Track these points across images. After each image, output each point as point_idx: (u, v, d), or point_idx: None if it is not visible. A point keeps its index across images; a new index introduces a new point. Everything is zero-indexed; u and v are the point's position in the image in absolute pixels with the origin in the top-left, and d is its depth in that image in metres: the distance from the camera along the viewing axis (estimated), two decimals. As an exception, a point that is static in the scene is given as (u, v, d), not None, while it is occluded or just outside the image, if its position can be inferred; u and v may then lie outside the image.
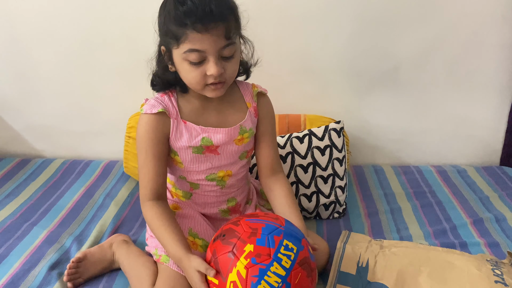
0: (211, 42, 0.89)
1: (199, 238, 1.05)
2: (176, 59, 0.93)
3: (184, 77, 0.95)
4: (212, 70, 0.90)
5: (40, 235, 1.23)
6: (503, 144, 1.64)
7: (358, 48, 1.52)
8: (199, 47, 0.89)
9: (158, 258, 1.01)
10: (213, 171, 1.05)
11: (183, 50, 0.90)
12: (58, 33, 1.55)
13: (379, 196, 1.44)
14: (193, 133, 1.01)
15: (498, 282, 0.92)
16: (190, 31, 0.88)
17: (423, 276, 0.94)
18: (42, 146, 1.75)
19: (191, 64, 0.91)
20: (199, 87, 0.95)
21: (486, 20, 1.47)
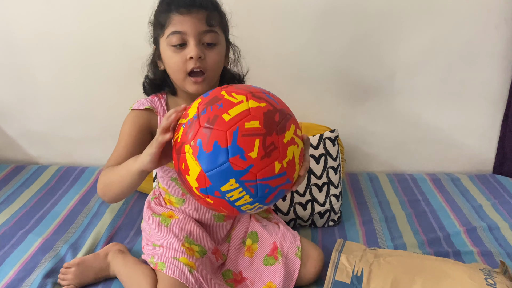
0: (191, 24, 0.93)
1: (195, 244, 1.05)
2: (162, 48, 0.97)
3: (168, 66, 0.98)
4: (192, 52, 0.93)
5: (35, 243, 1.22)
6: (496, 153, 1.66)
7: (352, 57, 1.54)
8: (180, 29, 0.93)
9: (155, 265, 1.01)
10: None
11: (166, 35, 0.94)
12: (54, 39, 1.55)
13: (373, 204, 1.45)
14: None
15: None
16: (173, 14, 0.94)
17: (417, 286, 0.95)
18: (37, 152, 1.75)
19: (173, 49, 0.95)
20: (180, 76, 0.97)
21: (479, 31, 1.49)
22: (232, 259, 1.11)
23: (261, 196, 0.74)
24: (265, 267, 1.06)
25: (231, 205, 0.76)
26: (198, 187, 0.75)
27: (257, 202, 0.75)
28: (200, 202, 0.80)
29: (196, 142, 0.74)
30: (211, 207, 0.80)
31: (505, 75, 1.54)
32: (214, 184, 0.73)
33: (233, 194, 0.73)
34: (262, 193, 0.74)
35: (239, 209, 0.78)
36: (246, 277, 1.07)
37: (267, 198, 0.76)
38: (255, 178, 0.72)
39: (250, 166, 0.72)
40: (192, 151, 0.74)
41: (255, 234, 1.12)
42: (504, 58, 1.52)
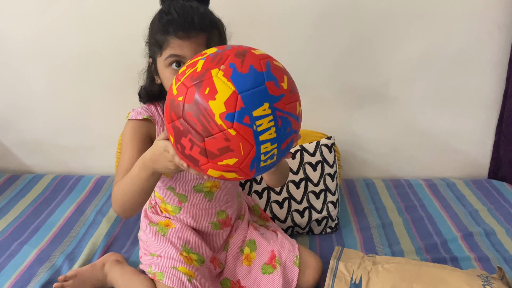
0: (191, 49, 0.92)
1: (193, 253, 1.05)
2: (160, 67, 0.96)
3: (167, 86, 0.97)
4: None
5: (31, 254, 1.21)
6: (491, 158, 1.67)
7: (348, 64, 1.55)
8: (179, 53, 0.92)
9: (154, 275, 1.01)
10: (200, 181, 1.05)
11: (165, 57, 0.93)
12: (49, 49, 1.55)
13: (370, 211, 1.45)
14: None
15: None
16: (172, 38, 0.92)
17: None
18: (33, 161, 1.74)
19: (172, 71, 0.94)
20: None
21: (473, 38, 1.50)
22: (230, 268, 1.10)
23: (283, 135, 0.72)
24: (263, 275, 1.05)
25: (254, 140, 0.69)
26: (225, 113, 0.68)
27: (276, 142, 0.72)
28: (216, 142, 0.69)
29: (228, 65, 0.70)
30: (227, 146, 0.69)
31: (499, 81, 1.56)
32: (247, 106, 0.68)
33: (263, 123, 0.69)
34: (284, 131, 0.72)
35: (258, 150, 0.70)
36: (244, 285, 1.07)
37: (284, 141, 0.73)
38: (285, 109, 0.72)
39: (282, 95, 0.72)
40: (223, 74, 0.70)
41: (253, 242, 1.12)
42: (497, 64, 1.54)
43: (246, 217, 1.18)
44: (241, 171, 0.72)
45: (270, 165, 0.75)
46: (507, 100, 1.54)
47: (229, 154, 0.70)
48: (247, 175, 0.74)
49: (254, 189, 1.32)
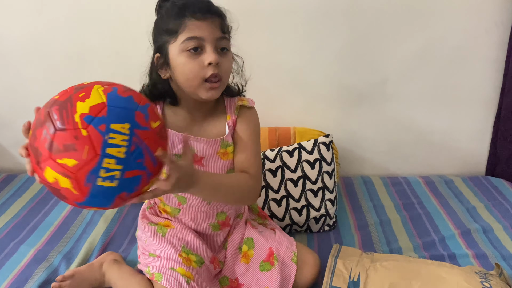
0: (209, 29, 0.92)
1: (192, 254, 1.04)
2: (173, 54, 0.93)
3: (180, 73, 0.94)
4: (210, 57, 0.92)
5: (28, 254, 1.21)
6: (488, 154, 1.67)
7: (346, 62, 1.54)
8: (198, 34, 0.91)
9: (152, 276, 1.00)
10: None
11: (181, 40, 0.91)
12: (47, 48, 1.54)
13: (368, 208, 1.45)
14: (175, 140, 1.00)
15: None
16: (189, 19, 0.91)
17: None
18: (29, 161, 1.73)
19: (189, 54, 0.92)
20: (196, 82, 0.94)
21: (470, 35, 1.50)
22: (228, 266, 1.10)
23: (131, 162, 0.71)
24: (261, 273, 1.05)
25: (100, 149, 0.68)
26: (85, 114, 0.70)
27: (122, 165, 0.70)
28: (65, 137, 0.69)
29: (112, 88, 0.75)
30: (73, 144, 0.69)
31: (496, 78, 1.56)
32: (109, 117, 0.70)
33: (116, 137, 0.69)
34: (135, 160, 0.71)
35: (100, 162, 0.69)
36: (243, 283, 1.07)
37: (130, 170, 0.71)
38: (144, 140, 0.72)
39: (147, 128, 0.73)
40: (103, 89, 0.74)
41: (251, 240, 1.11)
42: (495, 62, 1.54)
43: (245, 215, 1.18)
44: (77, 180, 0.69)
45: (108, 189, 0.70)
46: (504, 97, 1.55)
47: (71, 153, 0.68)
48: (81, 189, 0.70)
49: (252, 188, 1.32)
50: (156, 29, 0.97)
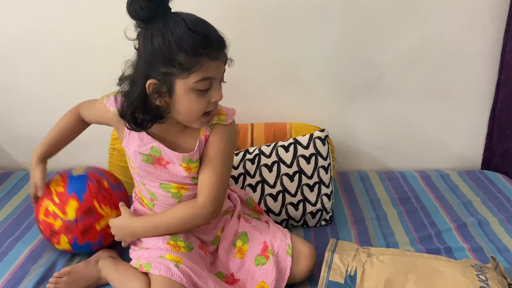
0: (219, 69, 0.92)
1: (181, 240, 1.05)
2: (180, 90, 0.90)
3: (185, 108, 0.93)
4: (217, 96, 0.92)
5: (24, 251, 1.20)
6: (484, 149, 1.68)
7: (342, 57, 1.54)
8: (211, 75, 0.90)
9: (140, 267, 1.00)
10: (164, 182, 1.06)
11: (194, 80, 0.89)
12: (41, 45, 1.53)
13: (365, 203, 1.45)
14: (144, 140, 1.02)
15: (483, 287, 0.93)
16: (205, 60, 0.88)
17: (410, 284, 0.95)
18: (25, 159, 1.72)
19: (198, 92, 0.91)
20: (196, 116, 0.95)
21: (466, 30, 1.50)
22: (222, 262, 1.10)
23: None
24: (256, 267, 1.05)
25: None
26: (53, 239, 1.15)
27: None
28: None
29: (73, 239, 1.13)
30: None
31: (492, 72, 1.56)
32: (75, 251, 1.17)
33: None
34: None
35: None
36: (238, 278, 1.07)
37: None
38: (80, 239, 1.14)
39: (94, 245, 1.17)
40: (68, 240, 1.13)
41: (245, 235, 1.12)
42: (490, 56, 1.54)
43: (237, 211, 1.18)
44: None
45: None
46: (500, 91, 1.55)
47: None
48: None
49: (248, 183, 1.32)
50: (156, 54, 0.88)
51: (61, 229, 1.11)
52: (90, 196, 1.12)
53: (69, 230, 1.11)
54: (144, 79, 0.91)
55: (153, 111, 0.94)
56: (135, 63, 0.94)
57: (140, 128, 0.98)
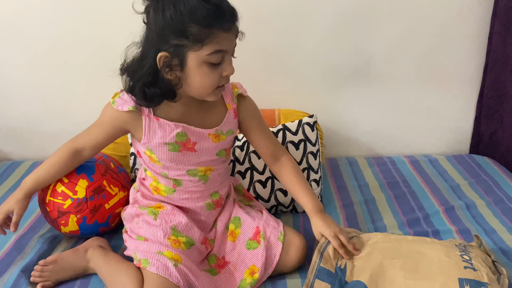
0: (231, 41, 0.91)
1: (182, 236, 1.04)
2: (193, 63, 0.89)
3: (197, 82, 0.92)
4: (230, 70, 0.92)
5: (10, 241, 1.19)
6: (472, 133, 1.69)
7: (331, 44, 1.54)
8: (224, 47, 0.89)
9: (139, 263, 0.99)
10: (192, 167, 1.04)
11: (206, 52, 0.87)
12: (26, 33, 1.51)
13: (353, 188, 1.45)
14: (167, 129, 1.00)
15: (467, 267, 0.94)
16: (218, 31, 0.86)
17: (395, 268, 0.95)
18: (11, 148, 1.70)
19: (210, 66, 0.90)
20: (210, 90, 0.94)
21: (453, 13, 1.50)
22: (216, 245, 1.10)
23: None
24: (247, 251, 1.05)
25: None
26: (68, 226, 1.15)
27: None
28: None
29: (82, 219, 1.14)
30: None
31: (479, 56, 1.56)
32: (82, 232, 1.17)
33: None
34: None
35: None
36: (229, 261, 1.07)
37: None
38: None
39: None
40: (76, 220, 1.13)
41: (238, 219, 1.11)
42: (477, 40, 1.54)
43: (232, 195, 1.18)
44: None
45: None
46: (487, 75, 1.55)
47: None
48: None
49: (237, 170, 1.31)
50: (167, 25, 0.86)
51: (70, 209, 1.12)
52: (99, 176, 1.16)
53: (79, 209, 1.12)
54: (154, 52, 0.89)
55: (163, 86, 0.92)
56: (144, 37, 0.92)
57: (151, 104, 0.96)
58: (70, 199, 1.12)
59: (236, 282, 1.02)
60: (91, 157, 1.12)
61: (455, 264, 0.94)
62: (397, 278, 0.94)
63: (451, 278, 0.91)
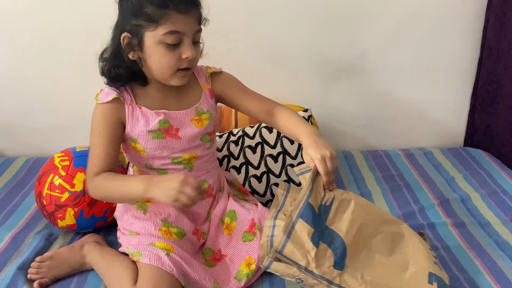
0: (190, 24, 0.91)
1: (173, 226, 1.04)
2: (150, 42, 0.92)
3: (155, 62, 0.94)
4: (188, 52, 0.92)
5: (5, 238, 1.18)
6: (466, 126, 1.69)
7: (324, 36, 1.53)
8: (180, 29, 0.90)
9: (132, 256, 0.99)
10: (177, 155, 1.05)
11: (161, 32, 0.90)
12: (14, 27, 1.48)
13: (349, 181, 1.46)
14: (150, 117, 1.01)
15: (436, 263, 0.94)
16: (172, 12, 0.89)
17: (377, 238, 0.93)
18: (3, 145, 1.68)
19: (167, 47, 0.91)
20: (170, 72, 0.95)
21: (448, 5, 1.50)
22: (211, 238, 1.10)
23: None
24: (244, 243, 1.05)
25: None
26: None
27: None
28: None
29: (79, 212, 1.13)
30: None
31: (474, 49, 1.57)
32: (79, 227, 1.17)
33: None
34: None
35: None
36: (225, 254, 1.07)
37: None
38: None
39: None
40: (74, 213, 1.13)
41: (233, 213, 1.11)
42: (472, 32, 1.54)
43: (226, 189, 1.18)
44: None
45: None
46: (482, 68, 1.56)
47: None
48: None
49: (232, 165, 1.31)
50: (128, 7, 0.92)
51: (67, 202, 1.12)
52: None
53: (76, 202, 1.13)
54: (119, 33, 0.94)
55: (125, 65, 0.96)
56: (116, 21, 0.96)
57: (115, 83, 0.99)
58: (68, 192, 1.12)
59: (233, 273, 1.03)
60: (115, 169, 1.02)
61: (428, 255, 0.94)
62: (373, 252, 0.90)
63: (422, 269, 0.90)
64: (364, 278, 0.86)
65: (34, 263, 1.04)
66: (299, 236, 0.85)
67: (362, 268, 0.87)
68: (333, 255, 0.85)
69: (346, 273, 0.85)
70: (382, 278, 0.86)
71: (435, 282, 0.88)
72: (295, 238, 0.84)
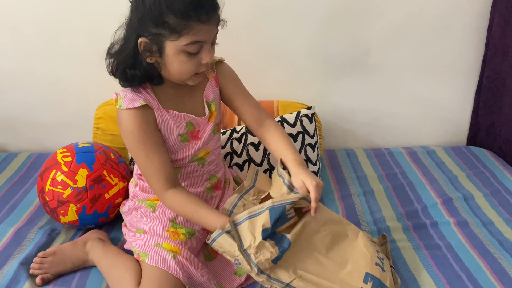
0: (210, 32, 0.90)
1: (181, 227, 1.04)
2: (170, 51, 0.90)
3: (176, 68, 0.92)
4: (208, 58, 0.92)
5: (7, 233, 1.18)
6: (470, 125, 1.69)
7: (328, 34, 1.52)
8: (201, 38, 0.89)
9: (138, 256, 0.99)
10: (195, 154, 1.05)
11: (184, 43, 0.88)
12: (18, 22, 1.48)
13: (352, 180, 1.45)
14: (177, 120, 1.00)
15: (378, 265, 0.94)
16: (195, 23, 0.86)
17: (320, 235, 0.95)
18: (5, 140, 1.68)
19: (188, 55, 0.90)
20: (187, 76, 0.95)
21: (452, 3, 1.49)
22: None
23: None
24: None
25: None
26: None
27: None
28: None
29: (81, 208, 1.13)
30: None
31: (478, 47, 1.56)
32: (81, 223, 1.16)
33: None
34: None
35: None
36: None
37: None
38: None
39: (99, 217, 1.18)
40: (76, 209, 1.13)
41: None
42: (476, 30, 1.53)
43: (232, 184, 1.18)
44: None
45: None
46: (486, 66, 1.55)
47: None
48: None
49: (235, 162, 1.31)
50: (146, 12, 0.87)
51: (70, 198, 1.12)
52: (99, 165, 1.16)
53: (79, 198, 1.12)
54: (136, 37, 0.90)
55: (143, 68, 0.93)
56: (127, 20, 0.92)
57: (130, 84, 0.96)
58: (70, 188, 1.12)
59: (233, 268, 1.03)
60: (173, 174, 0.99)
61: (370, 257, 0.95)
62: (311, 249, 0.92)
63: (359, 268, 0.92)
64: (296, 272, 0.88)
65: (37, 258, 1.05)
66: (255, 222, 0.87)
67: (296, 262, 0.90)
68: (277, 253, 0.87)
69: (278, 266, 0.87)
70: (316, 274, 0.89)
71: (370, 282, 0.90)
72: (252, 222, 0.87)
